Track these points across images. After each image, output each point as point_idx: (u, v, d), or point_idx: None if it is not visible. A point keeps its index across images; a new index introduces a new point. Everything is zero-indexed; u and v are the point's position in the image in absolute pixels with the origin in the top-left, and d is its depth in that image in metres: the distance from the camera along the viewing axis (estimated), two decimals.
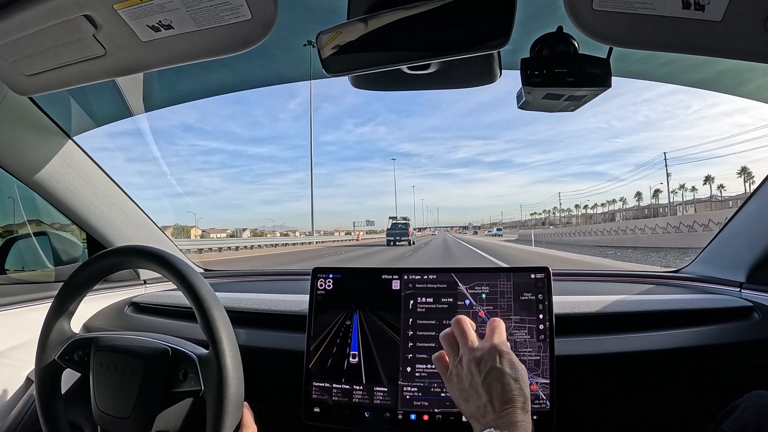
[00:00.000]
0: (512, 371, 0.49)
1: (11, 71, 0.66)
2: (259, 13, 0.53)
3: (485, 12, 0.50)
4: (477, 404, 0.48)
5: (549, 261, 11.08)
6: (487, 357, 0.50)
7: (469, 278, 0.71)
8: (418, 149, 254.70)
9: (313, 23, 0.96)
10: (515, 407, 0.46)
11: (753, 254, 0.89)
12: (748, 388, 0.61)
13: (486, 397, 0.47)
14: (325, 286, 0.77)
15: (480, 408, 0.47)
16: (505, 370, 0.48)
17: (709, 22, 0.49)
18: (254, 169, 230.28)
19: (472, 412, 0.49)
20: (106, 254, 0.65)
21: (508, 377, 0.48)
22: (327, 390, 0.72)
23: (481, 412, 0.47)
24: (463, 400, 0.50)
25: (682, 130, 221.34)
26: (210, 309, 0.56)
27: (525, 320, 0.68)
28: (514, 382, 0.48)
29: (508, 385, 0.47)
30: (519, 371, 0.49)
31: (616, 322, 0.80)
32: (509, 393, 0.47)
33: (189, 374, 0.56)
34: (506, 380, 0.48)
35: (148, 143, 24.62)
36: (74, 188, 1.00)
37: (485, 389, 0.48)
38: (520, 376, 0.49)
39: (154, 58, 0.62)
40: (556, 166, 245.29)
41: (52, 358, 0.63)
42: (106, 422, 0.59)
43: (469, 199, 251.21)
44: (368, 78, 0.70)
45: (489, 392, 0.47)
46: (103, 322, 1.02)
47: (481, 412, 0.47)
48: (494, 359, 0.49)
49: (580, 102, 0.66)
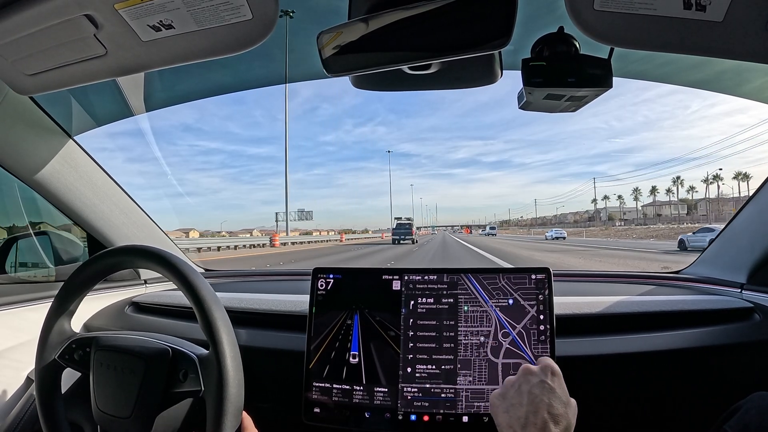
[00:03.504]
0: (563, 395, 0.50)
1: (12, 71, 0.66)
2: (260, 13, 0.53)
3: (486, 12, 0.51)
4: (518, 414, 0.48)
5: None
6: (540, 373, 0.52)
7: (470, 278, 0.71)
8: (417, 149, 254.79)
9: (313, 23, 0.96)
10: (559, 429, 0.46)
11: (754, 255, 0.89)
12: (750, 388, 0.61)
13: (528, 407, 0.48)
14: (326, 286, 0.76)
15: (520, 419, 0.48)
16: (554, 387, 0.50)
17: (710, 23, 0.49)
18: (254, 169, 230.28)
19: (510, 422, 0.49)
20: (107, 254, 0.65)
21: (558, 398, 0.49)
22: (327, 390, 0.72)
23: (521, 423, 0.48)
24: (504, 411, 0.51)
25: (681, 130, 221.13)
26: (210, 309, 0.56)
27: (525, 321, 0.68)
28: (561, 405, 0.48)
29: (557, 403, 0.48)
30: (570, 401, 0.50)
31: (616, 323, 0.80)
32: (556, 411, 0.47)
33: (189, 374, 0.56)
34: (555, 398, 0.49)
35: (148, 143, 24.62)
36: (75, 188, 1.00)
37: (529, 399, 0.49)
38: (570, 404, 0.50)
39: (154, 57, 0.62)
40: (555, 166, 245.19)
41: (52, 358, 0.63)
42: (106, 422, 0.59)
43: (469, 199, 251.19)
44: (369, 78, 0.70)
45: (534, 404, 0.48)
46: (103, 321, 1.02)
47: (521, 423, 0.48)
48: (546, 374, 0.51)
49: (581, 102, 0.66)
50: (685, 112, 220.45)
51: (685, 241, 13.60)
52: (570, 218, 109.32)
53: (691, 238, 13.27)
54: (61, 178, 0.97)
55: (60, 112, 0.93)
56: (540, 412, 0.47)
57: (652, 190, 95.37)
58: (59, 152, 0.95)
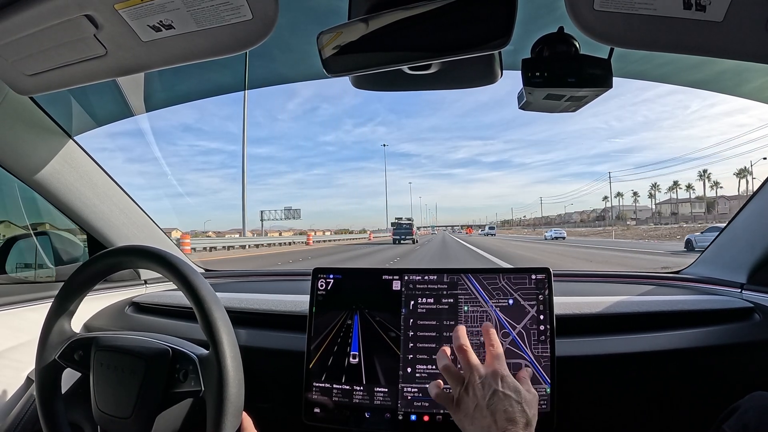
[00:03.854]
0: (515, 394, 0.52)
1: (12, 71, 0.66)
2: (260, 13, 0.53)
3: (486, 12, 0.51)
4: (482, 425, 0.51)
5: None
6: (490, 381, 0.53)
7: (470, 278, 0.71)
8: (417, 149, 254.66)
9: (313, 23, 0.96)
10: (518, 428, 0.49)
11: (754, 255, 0.89)
12: (749, 389, 0.61)
13: (490, 418, 0.50)
14: (326, 286, 0.77)
15: (484, 428, 0.50)
16: (507, 392, 0.52)
17: (710, 23, 0.49)
18: (253, 169, 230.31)
19: None
20: (107, 254, 0.65)
21: (511, 400, 0.51)
22: (327, 390, 0.72)
23: None
24: (469, 423, 0.53)
25: (681, 131, 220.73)
26: (210, 309, 0.56)
27: (525, 321, 0.68)
28: (516, 404, 0.51)
29: (511, 407, 0.51)
30: (522, 394, 0.52)
31: (616, 323, 0.80)
32: (512, 414, 0.50)
33: (189, 374, 0.56)
34: (508, 402, 0.51)
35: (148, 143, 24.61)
36: (75, 188, 1.00)
37: (489, 411, 0.51)
38: (524, 398, 0.52)
39: (154, 58, 0.62)
40: (555, 166, 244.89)
41: (52, 358, 0.63)
42: (106, 422, 0.59)
43: (469, 199, 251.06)
44: (369, 78, 0.70)
45: (493, 414, 0.50)
46: (103, 321, 1.02)
47: None
48: (497, 383, 0.53)
49: (581, 102, 0.66)
50: (684, 112, 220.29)
51: (693, 241, 13.59)
52: (576, 218, 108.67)
53: (699, 238, 13.25)
54: (61, 178, 0.97)
55: (60, 112, 0.93)
56: (500, 419, 0.50)
57: (672, 186, 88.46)
58: (59, 152, 0.95)
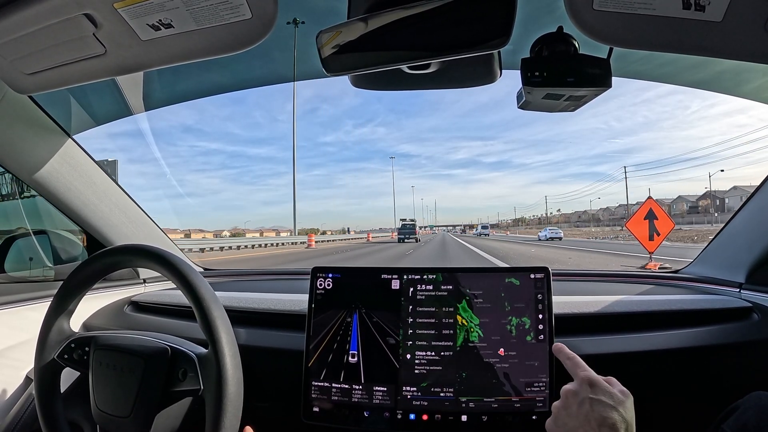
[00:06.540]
0: (609, 399, 0.51)
1: (11, 70, 0.66)
2: (259, 12, 0.53)
3: (485, 12, 0.50)
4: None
5: None
6: (581, 390, 0.53)
7: (469, 278, 0.71)
8: (417, 150, 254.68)
9: (312, 23, 0.96)
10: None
11: (752, 255, 0.89)
12: (748, 388, 0.61)
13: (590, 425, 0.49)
14: (325, 285, 0.77)
15: None
16: (600, 398, 0.51)
17: (709, 23, 0.49)
18: (254, 170, 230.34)
19: None
20: (106, 253, 0.65)
21: (605, 405, 0.50)
22: (326, 389, 0.72)
23: None
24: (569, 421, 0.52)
25: (681, 131, 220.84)
26: (209, 308, 0.56)
27: (524, 320, 0.68)
28: (612, 409, 0.50)
29: (606, 412, 0.49)
30: (617, 397, 0.51)
31: (615, 323, 0.80)
32: (611, 420, 0.49)
33: (188, 373, 0.57)
34: (604, 408, 0.50)
35: (148, 143, 24.62)
36: (74, 187, 1.00)
37: (585, 419, 0.50)
38: (619, 402, 0.51)
39: (154, 56, 0.62)
40: (555, 166, 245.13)
41: (51, 357, 0.63)
42: (105, 421, 0.59)
43: (469, 199, 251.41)
44: (368, 77, 0.70)
45: (588, 421, 0.50)
46: (102, 321, 1.02)
47: None
48: (586, 391, 0.52)
49: (580, 102, 0.66)
50: (684, 113, 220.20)
51: None
52: (573, 218, 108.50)
53: None
54: (61, 178, 0.96)
55: (59, 111, 0.93)
56: (596, 428, 0.49)
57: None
58: (58, 151, 0.94)
